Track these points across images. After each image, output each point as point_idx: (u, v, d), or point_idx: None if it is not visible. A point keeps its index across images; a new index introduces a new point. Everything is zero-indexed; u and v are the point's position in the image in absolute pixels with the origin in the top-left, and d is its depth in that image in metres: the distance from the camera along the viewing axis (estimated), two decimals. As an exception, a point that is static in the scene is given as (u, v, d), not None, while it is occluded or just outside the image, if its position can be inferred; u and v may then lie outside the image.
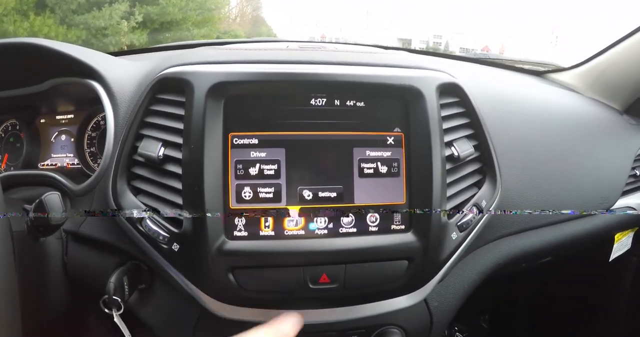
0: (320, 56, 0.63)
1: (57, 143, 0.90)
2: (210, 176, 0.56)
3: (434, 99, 0.62)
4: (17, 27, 4.41)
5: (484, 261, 0.77)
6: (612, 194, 0.93)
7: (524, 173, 0.77)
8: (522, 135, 0.80)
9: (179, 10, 5.43)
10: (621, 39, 1.06)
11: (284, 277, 0.58)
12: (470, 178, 0.69)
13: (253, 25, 7.51)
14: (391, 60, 0.65)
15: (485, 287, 0.79)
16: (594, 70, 1.14)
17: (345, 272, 0.59)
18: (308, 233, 0.59)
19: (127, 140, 0.62)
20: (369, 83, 0.61)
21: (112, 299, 0.61)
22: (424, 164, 0.61)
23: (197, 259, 0.57)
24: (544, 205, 0.79)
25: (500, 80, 1.04)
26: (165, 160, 0.60)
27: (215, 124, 0.57)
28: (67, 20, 4.82)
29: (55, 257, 0.69)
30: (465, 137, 0.68)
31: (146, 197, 0.61)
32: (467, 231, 0.66)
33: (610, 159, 0.94)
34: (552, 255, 0.97)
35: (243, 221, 0.58)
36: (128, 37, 4.78)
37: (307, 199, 0.60)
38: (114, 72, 0.71)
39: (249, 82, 0.59)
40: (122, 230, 0.62)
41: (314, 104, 0.60)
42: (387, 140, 0.62)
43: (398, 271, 0.61)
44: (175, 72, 0.61)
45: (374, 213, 0.61)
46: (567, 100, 1.02)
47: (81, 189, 0.68)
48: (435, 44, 11.61)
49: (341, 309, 0.64)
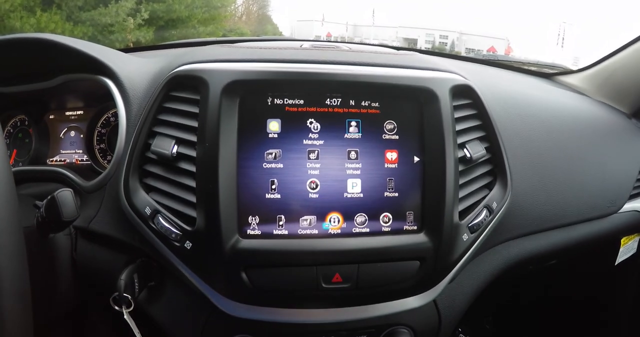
0: (335, 56, 0.63)
1: (66, 139, 0.90)
2: (224, 174, 0.56)
3: (447, 101, 0.62)
4: (23, 23, 4.42)
5: (493, 263, 0.77)
6: (620, 198, 0.93)
7: (533, 175, 0.78)
8: (532, 138, 0.80)
9: (185, 8, 5.43)
10: (629, 42, 1.06)
11: (297, 276, 0.59)
12: (482, 180, 0.69)
13: (259, 23, 7.51)
14: (405, 61, 0.65)
15: (491, 289, 0.79)
16: (603, 73, 1.13)
17: (357, 272, 0.59)
18: (321, 233, 0.60)
19: (140, 137, 0.63)
20: (384, 84, 0.61)
21: (123, 296, 0.62)
22: (438, 165, 0.61)
23: (210, 258, 0.57)
24: (552, 207, 0.80)
25: (510, 82, 1.04)
26: (179, 158, 0.60)
27: (230, 122, 0.57)
28: (73, 16, 4.83)
29: (64, 253, 0.69)
30: (477, 138, 0.68)
31: (158, 195, 0.61)
32: (478, 233, 0.66)
33: (618, 163, 0.94)
34: (558, 257, 0.97)
35: (257, 219, 0.58)
36: (134, 34, 4.79)
37: (324, 186, 0.60)
38: (126, 69, 0.71)
39: (265, 80, 0.59)
40: (132, 227, 0.62)
41: (329, 103, 0.61)
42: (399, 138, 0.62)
43: (410, 271, 0.61)
44: (189, 70, 0.61)
45: (387, 213, 0.61)
46: (575, 104, 1.02)
47: (92, 186, 0.68)
48: (441, 44, 11.59)
49: (351, 309, 0.64)
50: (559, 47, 4.24)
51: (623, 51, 1.08)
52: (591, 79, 1.15)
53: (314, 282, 0.59)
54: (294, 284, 0.59)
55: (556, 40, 4.23)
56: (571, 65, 1.31)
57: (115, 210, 0.65)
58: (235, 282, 0.58)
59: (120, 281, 0.62)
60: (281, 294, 0.60)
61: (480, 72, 1.08)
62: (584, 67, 1.19)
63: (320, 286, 0.59)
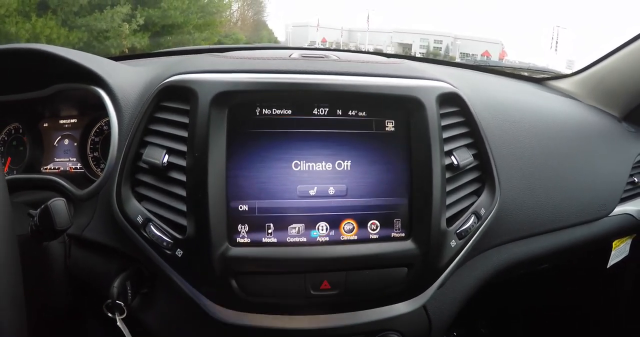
0: (323, 66, 0.64)
1: (60, 147, 0.90)
2: (214, 183, 0.57)
3: (434, 109, 0.63)
4: (19, 28, 4.41)
5: (482, 268, 0.77)
6: (611, 201, 0.94)
7: (522, 181, 0.78)
8: (521, 144, 0.80)
9: (180, 14, 5.43)
10: (620, 46, 1.07)
11: (286, 284, 0.59)
12: (470, 186, 0.70)
13: (254, 29, 7.51)
14: (392, 70, 0.66)
15: (484, 293, 0.80)
16: (593, 77, 1.14)
17: (346, 279, 0.60)
18: (310, 240, 0.60)
19: (132, 147, 0.63)
20: (370, 93, 0.62)
21: (115, 303, 0.62)
22: (424, 173, 0.62)
23: (201, 265, 0.58)
24: (542, 212, 0.80)
25: (500, 88, 1.05)
26: (170, 168, 0.60)
27: (220, 132, 0.58)
28: (68, 22, 4.82)
29: (58, 261, 0.69)
30: (464, 146, 0.69)
31: (150, 204, 0.62)
32: (466, 239, 0.67)
33: (609, 166, 0.95)
34: (549, 262, 0.98)
35: (246, 227, 0.59)
36: (129, 39, 4.78)
37: (312, 195, 0.61)
38: (118, 78, 0.71)
39: (253, 91, 0.60)
40: (125, 235, 0.63)
41: (317, 113, 0.61)
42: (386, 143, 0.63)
43: (398, 278, 0.62)
44: (179, 80, 0.62)
45: (374, 220, 0.62)
46: (566, 108, 1.03)
47: (85, 194, 0.69)
48: (435, 49, 11.61)
49: (341, 315, 0.64)
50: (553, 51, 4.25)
51: (614, 55, 1.09)
52: (582, 83, 1.16)
53: (303, 289, 0.59)
54: (283, 291, 0.60)
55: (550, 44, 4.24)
56: (565, 68, 1.32)
57: (108, 218, 0.65)
58: (226, 289, 0.58)
59: (113, 288, 0.62)
60: (271, 300, 0.61)
61: (470, 79, 1.09)
62: (576, 72, 1.20)
63: (309, 293, 0.59)
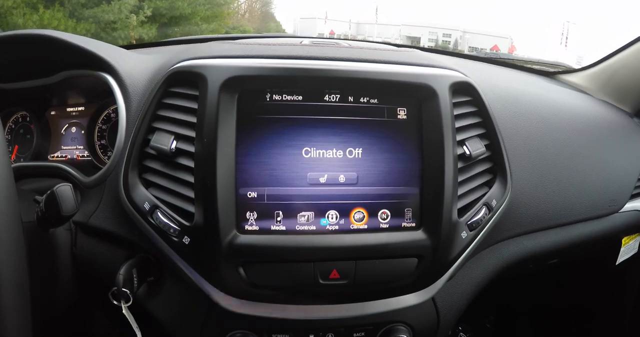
0: (335, 52, 0.63)
1: (67, 135, 0.90)
2: (222, 169, 0.57)
3: (447, 98, 0.62)
4: (26, 19, 4.43)
5: (492, 261, 0.77)
6: (621, 197, 0.92)
7: (534, 174, 0.77)
8: (532, 136, 0.79)
9: (188, 5, 5.44)
10: (633, 41, 1.05)
11: (295, 273, 0.59)
12: (481, 177, 0.69)
13: (262, 21, 7.51)
14: (405, 57, 0.65)
15: (492, 290, 0.79)
16: (605, 72, 1.13)
17: (355, 269, 0.59)
18: (319, 229, 0.60)
19: (139, 133, 0.63)
20: (382, 80, 0.61)
21: (121, 291, 0.62)
22: (436, 162, 0.61)
23: (208, 253, 0.58)
24: (552, 206, 0.79)
25: (512, 80, 1.04)
26: (178, 154, 0.60)
27: (229, 118, 0.57)
28: (76, 13, 4.84)
29: (64, 248, 0.69)
30: (477, 136, 0.68)
31: (157, 190, 0.61)
32: (477, 230, 0.66)
33: (620, 162, 0.93)
34: (559, 257, 0.97)
35: (255, 215, 0.59)
36: (137, 31, 4.80)
37: (322, 182, 0.60)
38: (126, 65, 0.71)
39: (263, 76, 0.59)
40: (132, 222, 0.62)
41: (328, 100, 0.61)
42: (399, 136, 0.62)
43: (408, 269, 0.61)
44: (188, 66, 0.61)
45: (385, 210, 0.61)
46: (577, 102, 1.02)
47: (92, 181, 0.68)
48: (444, 43, 11.57)
49: (350, 306, 0.64)
50: (562, 47, 4.23)
51: (626, 50, 1.07)
52: (593, 77, 1.15)
53: (312, 278, 0.59)
54: (292, 280, 0.59)
55: (560, 40, 4.21)
56: (575, 64, 1.31)
57: (114, 205, 0.65)
58: (233, 277, 0.58)
59: (119, 275, 0.62)
60: (279, 290, 0.60)
61: (482, 70, 1.08)
62: (587, 66, 1.19)
63: (317, 282, 0.59)
